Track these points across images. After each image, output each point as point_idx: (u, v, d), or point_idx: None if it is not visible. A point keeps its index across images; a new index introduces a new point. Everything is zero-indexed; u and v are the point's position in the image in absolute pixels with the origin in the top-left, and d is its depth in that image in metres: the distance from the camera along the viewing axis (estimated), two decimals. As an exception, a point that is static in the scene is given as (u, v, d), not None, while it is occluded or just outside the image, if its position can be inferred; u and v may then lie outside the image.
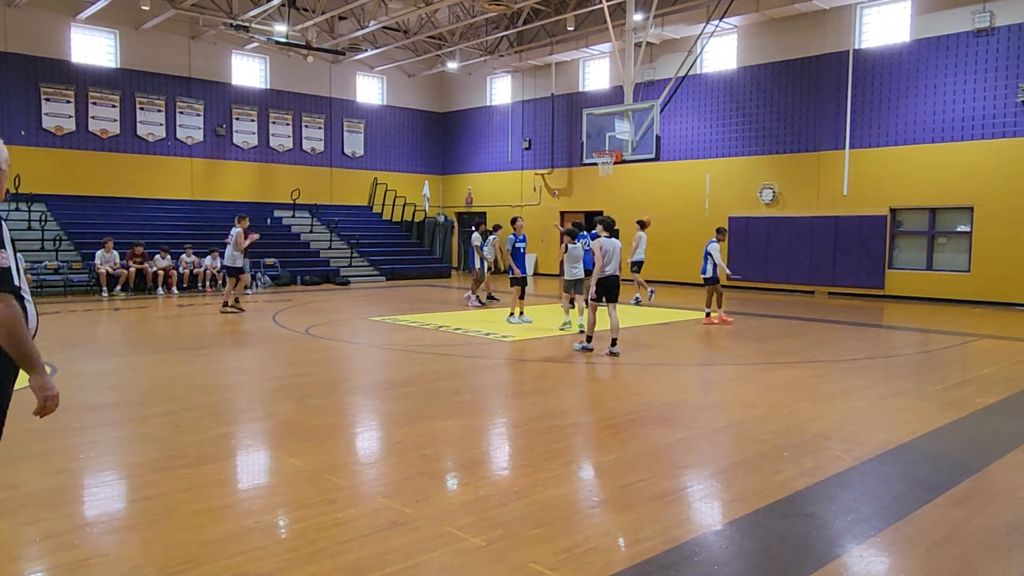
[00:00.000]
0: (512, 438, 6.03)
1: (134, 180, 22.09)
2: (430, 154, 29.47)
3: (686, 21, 20.51)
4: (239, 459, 5.41)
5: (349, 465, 5.27)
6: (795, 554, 3.74)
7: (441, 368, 8.86)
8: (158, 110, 22.53)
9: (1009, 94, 16.23)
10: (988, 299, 16.63)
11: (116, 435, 5.73)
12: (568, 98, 25.09)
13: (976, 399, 7.27)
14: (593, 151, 18.12)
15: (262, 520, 4.12)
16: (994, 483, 4.87)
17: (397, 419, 6.55)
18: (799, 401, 7.17)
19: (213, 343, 10.95)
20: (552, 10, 22.63)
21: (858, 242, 18.54)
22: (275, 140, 25.15)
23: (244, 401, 7.22)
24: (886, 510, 4.36)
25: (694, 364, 9.62)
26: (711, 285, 13.20)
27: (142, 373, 8.46)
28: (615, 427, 6.20)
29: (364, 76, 27.36)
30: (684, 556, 3.69)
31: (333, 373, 8.84)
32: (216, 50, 23.59)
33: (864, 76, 18.33)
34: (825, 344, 10.99)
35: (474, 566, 3.56)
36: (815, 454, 5.41)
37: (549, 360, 9.57)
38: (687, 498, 4.57)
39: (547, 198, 26.03)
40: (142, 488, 4.64)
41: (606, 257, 9.89)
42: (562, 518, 4.16)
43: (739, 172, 20.73)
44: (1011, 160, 16.24)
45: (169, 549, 3.70)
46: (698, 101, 21.61)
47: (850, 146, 18.63)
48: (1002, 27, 16.30)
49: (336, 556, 3.64)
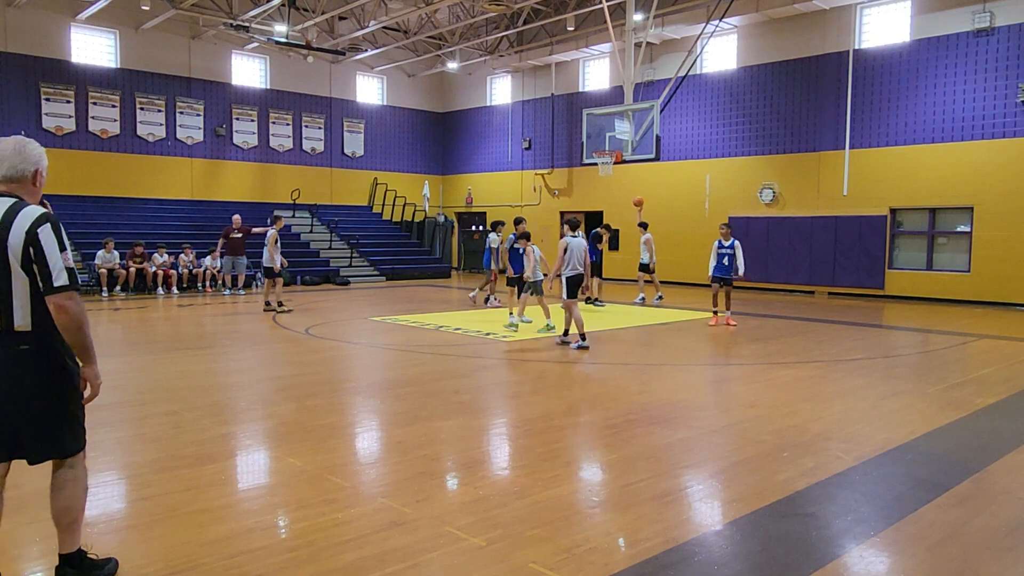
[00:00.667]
0: (512, 438, 6.03)
1: (134, 180, 22.09)
2: (430, 154, 29.48)
3: (686, 21, 20.51)
4: (239, 459, 5.41)
5: (349, 465, 5.27)
6: (795, 554, 3.74)
7: (441, 368, 8.86)
8: (158, 110, 22.53)
9: (1009, 94, 16.23)
10: (988, 299, 16.62)
11: (116, 435, 5.72)
12: (568, 98, 25.08)
13: (976, 399, 7.27)
14: (593, 151, 18.12)
15: (262, 520, 4.12)
16: (994, 483, 4.87)
17: (397, 419, 6.55)
18: (799, 401, 7.17)
19: (213, 343, 10.95)
20: (552, 10, 22.63)
21: (858, 242, 18.54)
22: (275, 140, 25.15)
23: (244, 401, 7.22)
24: (886, 510, 4.36)
25: (694, 364, 9.62)
26: (729, 285, 12.98)
27: (142, 373, 8.45)
28: (615, 427, 6.20)
29: (364, 76, 27.36)
30: (684, 556, 3.69)
31: (333, 373, 8.84)
32: (216, 50, 23.59)
33: (864, 76, 18.33)
34: (825, 344, 10.99)
35: (474, 566, 3.56)
36: (815, 454, 5.41)
37: (549, 360, 9.57)
38: (687, 498, 4.57)
39: (547, 198, 26.03)
40: (142, 488, 4.64)
41: (571, 256, 10.42)
42: (562, 518, 4.17)
43: (739, 172, 20.73)
44: (1011, 160, 16.24)
45: (169, 549, 3.70)
46: (698, 101, 21.61)
47: (850, 146, 18.63)
48: (1002, 27, 16.30)
49: (336, 556, 3.64)
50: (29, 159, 3.15)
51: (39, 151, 3.20)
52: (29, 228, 2.97)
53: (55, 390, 3.10)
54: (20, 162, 3.12)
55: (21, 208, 3.03)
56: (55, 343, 3.09)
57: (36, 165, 3.18)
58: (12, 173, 3.11)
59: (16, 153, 3.12)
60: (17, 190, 3.13)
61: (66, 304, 2.99)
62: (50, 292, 2.98)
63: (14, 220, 2.98)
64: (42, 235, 2.98)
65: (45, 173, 3.25)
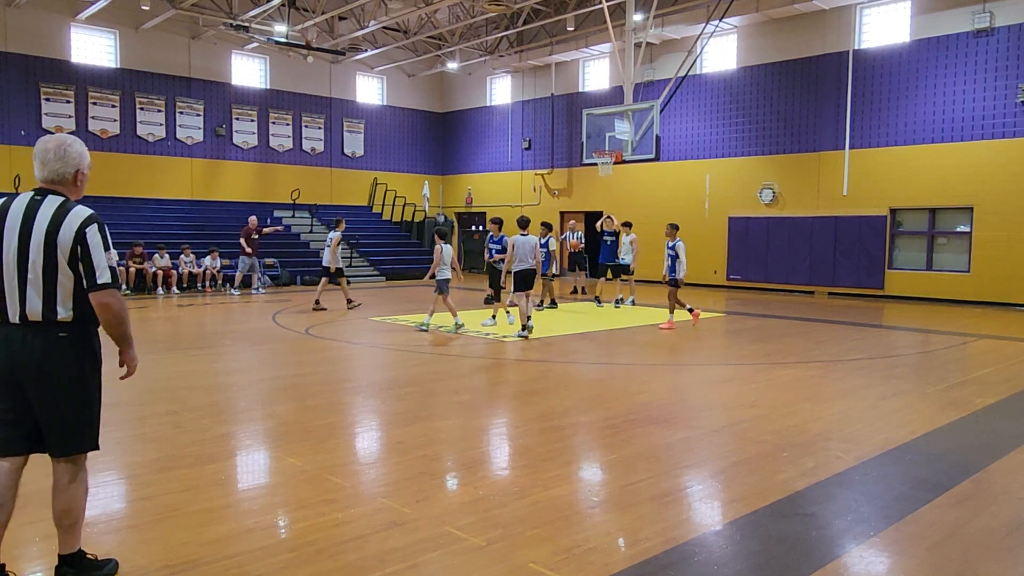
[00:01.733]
0: (512, 438, 6.03)
1: (134, 180, 22.08)
2: (430, 154, 29.47)
3: (686, 21, 20.51)
4: (239, 459, 5.41)
5: (349, 465, 5.27)
6: (795, 554, 3.74)
7: (441, 368, 8.86)
8: (158, 110, 22.53)
9: (1009, 94, 16.23)
10: (988, 299, 16.62)
11: (116, 435, 5.72)
12: (568, 98, 25.08)
13: (976, 399, 7.27)
14: (593, 151, 18.11)
15: (262, 520, 4.13)
16: (994, 483, 4.87)
17: (397, 419, 6.55)
18: (799, 401, 7.17)
19: (213, 343, 10.95)
20: (552, 10, 22.63)
21: (858, 242, 18.54)
22: (275, 140, 25.15)
23: (244, 401, 7.22)
24: (886, 510, 4.36)
25: (694, 364, 9.62)
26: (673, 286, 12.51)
27: (142, 373, 8.38)
28: (615, 427, 6.20)
29: (364, 76, 27.36)
30: (684, 556, 3.69)
31: (333, 373, 8.83)
32: (216, 50, 23.59)
33: (864, 76, 18.33)
34: (825, 344, 10.99)
35: (474, 566, 3.56)
36: (815, 454, 5.41)
37: (549, 360, 9.57)
38: (687, 498, 4.57)
39: (547, 198, 26.03)
40: (142, 488, 4.64)
41: (518, 252, 11.28)
42: (562, 518, 4.16)
43: (739, 172, 20.73)
44: (1011, 160, 16.24)
45: (169, 549, 3.70)
46: (698, 101, 21.61)
47: (850, 146, 18.63)
48: (1002, 27, 16.30)
49: (336, 556, 3.64)
50: (69, 162, 3.29)
51: (79, 151, 3.32)
52: (78, 228, 3.15)
53: (85, 383, 3.26)
54: (61, 166, 3.28)
55: (71, 208, 3.20)
56: (91, 337, 3.29)
57: (76, 167, 3.32)
58: (54, 176, 3.28)
59: (57, 158, 3.26)
60: (61, 189, 3.29)
61: (109, 301, 3.20)
62: (94, 289, 3.17)
63: (64, 219, 3.15)
64: (89, 235, 3.17)
65: (87, 172, 3.39)
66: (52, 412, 3.20)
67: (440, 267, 11.60)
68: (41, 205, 3.17)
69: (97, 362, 3.33)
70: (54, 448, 3.25)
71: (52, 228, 3.13)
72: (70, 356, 3.20)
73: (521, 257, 11.35)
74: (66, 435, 3.23)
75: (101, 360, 3.36)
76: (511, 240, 11.51)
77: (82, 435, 3.28)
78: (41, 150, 3.26)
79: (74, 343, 3.21)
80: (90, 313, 3.23)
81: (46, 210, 3.16)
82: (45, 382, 3.16)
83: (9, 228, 3.16)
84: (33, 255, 3.12)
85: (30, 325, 3.15)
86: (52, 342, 3.16)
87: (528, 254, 11.34)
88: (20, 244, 3.14)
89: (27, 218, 3.15)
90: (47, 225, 3.13)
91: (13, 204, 3.20)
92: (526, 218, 11.76)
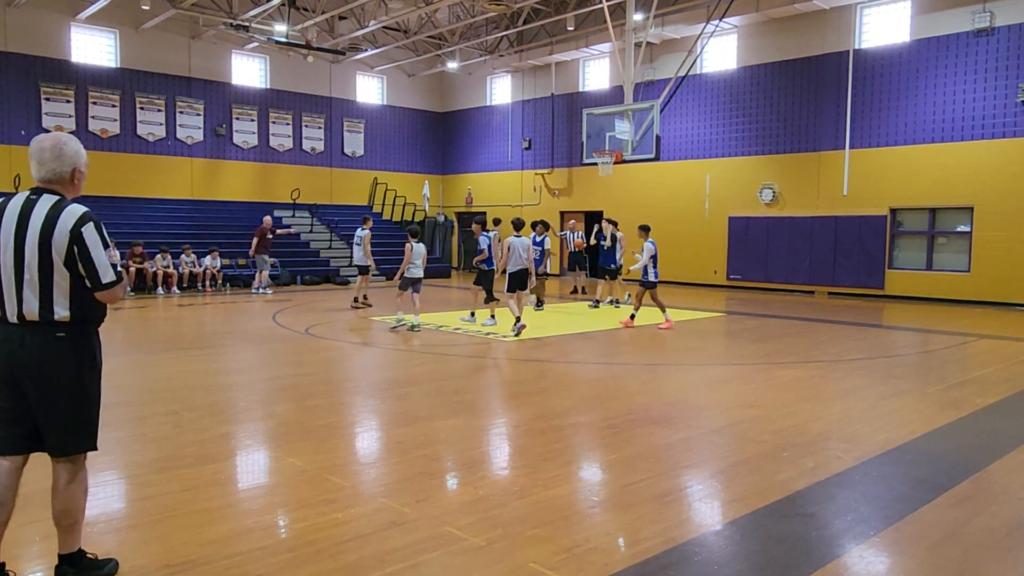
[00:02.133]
0: (512, 438, 6.03)
1: (134, 180, 22.08)
2: (430, 154, 29.47)
3: (686, 21, 20.51)
4: (239, 459, 5.41)
5: (349, 465, 5.27)
6: (795, 554, 3.74)
7: (441, 368, 8.86)
8: (158, 110, 22.53)
9: (1009, 94, 16.23)
10: (988, 299, 16.62)
11: (116, 435, 5.72)
12: (568, 98, 25.08)
13: (976, 399, 7.27)
14: (593, 151, 18.11)
15: (262, 520, 4.13)
16: (994, 483, 4.87)
17: (397, 419, 6.55)
18: (799, 401, 7.17)
19: (213, 343, 10.95)
20: (552, 10, 22.63)
21: (858, 242, 18.54)
22: (275, 140, 25.14)
23: (244, 401, 7.22)
24: (886, 510, 4.36)
25: (694, 364, 9.62)
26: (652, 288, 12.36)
27: (142, 373, 8.46)
28: (615, 427, 6.20)
29: (364, 76, 27.36)
30: (684, 556, 3.69)
31: (333, 373, 8.84)
32: (216, 50, 23.58)
33: (864, 76, 18.33)
34: (825, 344, 10.99)
35: (474, 566, 3.56)
36: (815, 454, 5.41)
37: (549, 360, 9.57)
38: (687, 498, 4.57)
39: (547, 198, 26.03)
40: (142, 488, 4.64)
41: (514, 254, 11.60)
42: (562, 518, 4.16)
43: (739, 172, 20.73)
44: (1011, 160, 16.24)
45: (169, 549, 3.70)
46: (698, 101, 21.61)
47: (850, 146, 18.63)
48: (1002, 27, 16.30)
49: (336, 556, 3.64)
50: (66, 161, 3.26)
51: (75, 150, 3.29)
52: (73, 227, 3.13)
53: (84, 383, 3.25)
54: (58, 165, 3.25)
55: (64, 206, 3.17)
56: (90, 337, 3.29)
57: (73, 165, 3.29)
58: (50, 175, 3.26)
59: (54, 157, 3.24)
60: (58, 188, 3.27)
61: (115, 290, 3.24)
62: (99, 289, 3.20)
63: (58, 218, 3.13)
64: (86, 234, 3.15)
65: (85, 170, 3.35)
66: (51, 412, 3.19)
67: (409, 266, 11.82)
68: (36, 205, 3.15)
69: (96, 362, 3.31)
70: (53, 448, 3.25)
71: (47, 228, 3.11)
72: (69, 356, 3.19)
73: (515, 258, 11.69)
74: (65, 435, 3.23)
75: (101, 360, 3.35)
76: (507, 241, 11.78)
77: (81, 435, 3.28)
78: (37, 149, 3.23)
79: (73, 343, 3.20)
80: (89, 313, 3.23)
81: (40, 210, 3.14)
82: (44, 382, 3.16)
83: (5, 228, 3.14)
84: (29, 255, 3.11)
85: (28, 325, 3.15)
86: (50, 342, 3.16)
87: (522, 255, 11.73)
88: (16, 244, 3.12)
89: (22, 218, 3.13)
90: (41, 225, 3.11)
91: (9, 204, 3.18)
92: (520, 220, 12.07)
